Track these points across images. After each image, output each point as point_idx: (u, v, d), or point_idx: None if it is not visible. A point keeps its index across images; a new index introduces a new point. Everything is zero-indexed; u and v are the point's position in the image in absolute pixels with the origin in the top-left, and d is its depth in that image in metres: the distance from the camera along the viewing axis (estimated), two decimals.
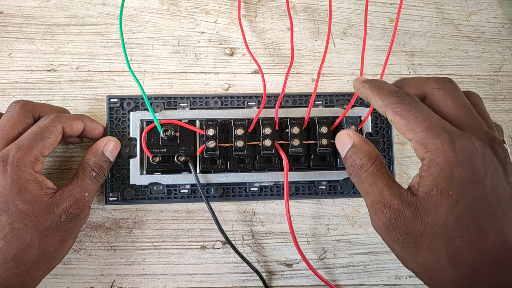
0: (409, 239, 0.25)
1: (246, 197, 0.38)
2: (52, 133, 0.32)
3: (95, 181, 0.33)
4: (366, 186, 0.27)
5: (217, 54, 0.40)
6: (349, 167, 0.29)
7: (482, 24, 0.42)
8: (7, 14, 0.39)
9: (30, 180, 0.30)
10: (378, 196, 0.26)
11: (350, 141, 0.29)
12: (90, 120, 0.35)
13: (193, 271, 0.37)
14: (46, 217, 0.30)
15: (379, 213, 0.26)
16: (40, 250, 0.30)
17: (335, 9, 0.41)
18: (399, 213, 0.25)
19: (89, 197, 0.33)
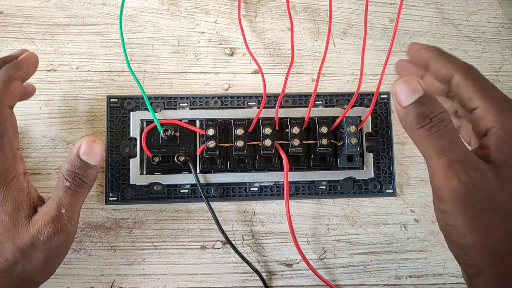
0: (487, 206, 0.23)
1: (246, 197, 0.38)
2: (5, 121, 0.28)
3: (70, 193, 0.29)
4: (445, 143, 0.23)
5: (217, 54, 0.40)
6: (420, 118, 0.24)
7: (482, 24, 0.42)
8: (7, 14, 0.39)
9: (15, 189, 0.28)
10: (461, 155, 0.23)
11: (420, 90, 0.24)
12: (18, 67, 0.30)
13: (193, 271, 0.37)
14: (25, 234, 0.28)
15: (461, 173, 0.23)
16: (24, 267, 0.28)
17: (335, 9, 0.41)
18: (486, 178, 0.23)
19: (67, 213, 0.29)
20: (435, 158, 0.24)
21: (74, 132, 0.38)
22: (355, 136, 0.36)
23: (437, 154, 0.23)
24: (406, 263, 0.38)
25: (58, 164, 0.37)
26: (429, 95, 0.24)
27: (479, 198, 0.23)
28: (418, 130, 0.24)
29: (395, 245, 0.38)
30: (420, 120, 0.23)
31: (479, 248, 0.23)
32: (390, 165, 0.38)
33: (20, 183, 0.29)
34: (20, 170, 0.29)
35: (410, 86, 0.24)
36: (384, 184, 0.38)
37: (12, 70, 0.30)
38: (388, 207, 0.39)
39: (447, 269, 0.38)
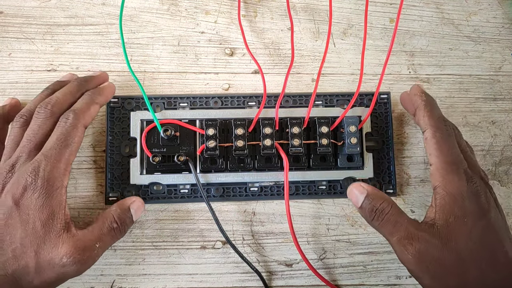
0: (438, 266, 0.28)
1: (246, 197, 0.38)
2: (75, 136, 0.31)
3: (113, 234, 0.32)
4: (390, 227, 0.30)
5: (217, 54, 0.40)
6: (369, 213, 0.31)
7: (482, 24, 0.42)
8: (7, 14, 0.39)
9: (56, 200, 0.29)
10: (404, 233, 0.29)
11: (364, 191, 0.32)
12: (100, 94, 0.34)
13: (193, 271, 0.37)
14: (51, 249, 0.29)
15: (408, 247, 0.29)
16: (32, 281, 0.29)
17: (335, 9, 0.41)
18: (428, 243, 0.29)
19: (98, 250, 0.31)
20: (390, 239, 0.30)
21: None
22: (355, 136, 0.36)
23: (389, 235, 0.30)
24: None
25: None
26: (371, 193, 0.32)
27: (430, 260, 0.28)
28: (372, 221, 0.31)
29: None
30: (369, 214, 0.31)
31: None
32: (390, 165, 0.38)
33: (61, 195, 0.30)
34: (65, 183, 0.31)
35: (354, 192, 0.32)
36: (384, 184, 0.38)
37: (96, 96, 0.34)
38: None
39: None
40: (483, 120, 0.40)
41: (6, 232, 0.29)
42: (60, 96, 0.33)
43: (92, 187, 0.37)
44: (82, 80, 0.35)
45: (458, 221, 0.29)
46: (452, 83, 0.41)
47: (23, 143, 0.31)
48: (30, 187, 0.29)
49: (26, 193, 0.29)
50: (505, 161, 0.40)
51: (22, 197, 0.29)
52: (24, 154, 0.31)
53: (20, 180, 0.29)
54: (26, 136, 0.31)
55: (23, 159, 0.30)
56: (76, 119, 0.32)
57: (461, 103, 0.40)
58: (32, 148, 0.31)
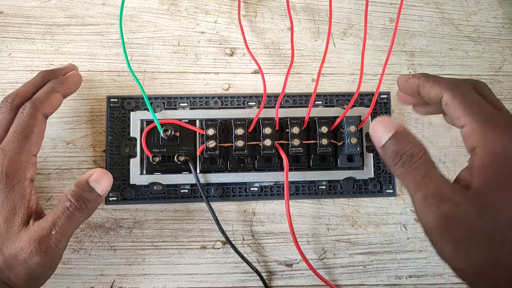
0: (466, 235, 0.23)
1: (246, 197, 0.38)
2: (34, 126, 0.30)
3: (67, 214, 0.28)
4: (418, 178, 0.24)
5: (217, 54, 0.40)
6: (394, 156, 0.25)
7: (482, 24, 0.42)
8: (7, 14, 0.39)
9: (18, 193, 0.28)
10: (433, 189, 0.24)
11: (393, 127, 0.25)
12: (62, 82, 0.33)
13: (193, 271, 0.37)
14: (11, 245, 0.27)
15: (435, 207, 0.23)
16: (9, 277, 0.28)
17: (335, 9, 0.41)
18: (459, 208, 0.23)
19: (57, 236, 0.28)
20: (412, 193, 0.25)
21: (74, 132, 0.38)
22: (355, 136, 0.36)
23: (413, 188, 0.25)
24: (406, 263, 0.38)
25: (58, 164, 0.37)
26: (400, 132, 0.25)
27: (458, 227, 0.23)
28: (395, 167, 0.25)
29: (395, 245, 0.38)
30: (394, 157, 0.25)
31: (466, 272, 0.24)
32: None
33: (24, 188, 0.29)
34: (28, 176, 0.29)
35: (383, 126, 0.26)
36: (384, 184, 0.38)
37: (57, 84, 0.32)
38: (388, 207, 0.39)
39: (447, 269, 0.38)
40: None
41: None
42: (21, 89, 0.32)
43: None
44: (47, 72, 0.33)
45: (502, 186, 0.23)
46: None
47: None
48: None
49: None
50: None
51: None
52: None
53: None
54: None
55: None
56: (33, 109, 0.30)
57: None
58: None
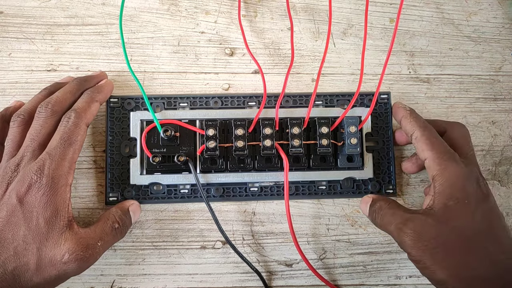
0: (438, 244, 0.28)
1: (246, 197, 0.38)
2: (78, 135, 0.32)
3: (114, 234, 0.33)
4: (388, 218, 0.32)
5: (217, 54, 0.40)
6: (372, 214, 0.34)
7: (482, 24, 0.42)
8: (7, 14, 0.39)
9: (60, 197, 0.30)
10: (400, 219, 0.31)
11: (369, 200, 0.35)
12: (99, 91, 0.35)
13: (193, 271, 0.37)
14: (53, 246, 0.29)
15: (404, 228, 0.30)
16: (31, 279, 0.29)
17: (335, 9, 0.41)
18: (423, 222, 0.29)
19: (100, 248, 0.31)
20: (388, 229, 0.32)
21: None
22: (355, 136, 0.36)
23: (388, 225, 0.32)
24: (406, 263, 0.38)
25: None
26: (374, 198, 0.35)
27: (428, 237, 0.29)
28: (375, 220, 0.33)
29: (395, 245, 0.38)
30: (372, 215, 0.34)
31: (448, 279, 0.28)
32: (390, 165, 0.38)
33: (65, 193, 0.30)
34: (69, 182, 0.31)
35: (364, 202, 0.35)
36: (384, 184, 0.38)
37: (95, 94, 0.34)
38: None
39: None
40: (483, 120, 0.40)
41: (9, 230, 0.29)
42: (60, 96, 0.33)
43: (92, 187, 0.37)
44: (82, 80, 0.35)
45: (459, 203, 0.29)
46: (452, 83, 0.41)
47: (26, 143, 0.31)
48: (35, 185, 0.29)
49: (31, 191, 0.29)
50: (505, 161, 0.40)
51: (27, 195, 0.29)
52: (29, 153, 0.31)
53: (25, 179, 0.29)
54: (29, 136, 0.32)
55: (27, 158, 0.31)
56: (78, 118, 0.32)
57: (461, 103, 0.40)
58: (36, 147, 0.31)
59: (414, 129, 0.33)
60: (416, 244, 0.29)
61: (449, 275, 0.28)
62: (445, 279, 0.28)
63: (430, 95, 0.40)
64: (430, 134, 0.33)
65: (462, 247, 0.28)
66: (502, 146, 0.40)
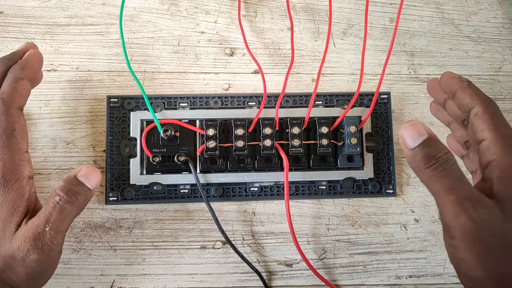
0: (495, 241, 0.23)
1: (246, 197, 0.38)
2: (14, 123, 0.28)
3: (58, 208, 0.27)
4: (452, 181, 0.24)
5: (217, 54, 0.40)
6: (427, 159, 0.25)
7: (482, 24, 0.42)
8: (7, 14, 0.39)
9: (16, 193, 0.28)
10: (468, 192, 0.24)
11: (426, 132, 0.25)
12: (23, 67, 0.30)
13: (193, 271, 0.37)
14: (8, 245, 0.27)
15: (471, 210, 0.23)
16: (10, 278, 0.27)
17: (335, 9, 0.41)
18: (491, 212, 0.23)
19: (51, 233, 0.27)
20: (444, 196, 0.24)
21: (74, 132, 0.38)
22: (355, 136, 0.36)
23: (445, 191, 0.24)
24: (406, 263, 0.38)
25: (58, 164, 0.37)
26: (434, 138, 0.25)
27: (488, 234, 0.23)
28: (426, 169, 0.24)
29: (395, 245, 0.38)
30: (427, 160, 0.24)
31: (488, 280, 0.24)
32: (390, 165, 0.38)
33: (22, 187, 0.28)
34: (25, 174, 0.28)
35: (416, 129, 0.25)
36: (384, 184, 0.38)
37: (18, 71, 0.30)
38: (388, 207, 0.39)
39: (447, 269, 0.38)
40: None
41: None
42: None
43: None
44: (5, 58, 0.31)
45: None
46: None
47: None
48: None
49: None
50: None
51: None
52: None
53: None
54: None
55: None
56: (5, 106, 0.28)
57: None
58: None
59: (474, 103, 0.27)
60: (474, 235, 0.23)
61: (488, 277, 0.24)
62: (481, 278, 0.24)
63: None
64: (495, 111, 0.27)
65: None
66: None
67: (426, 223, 0.38)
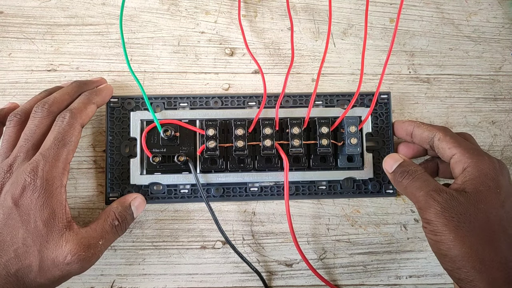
0: (464, 219, 0.28)
1: (246, 197, 0.38)
2: (72, 135, 0.31)
3: (115, 231, 0.32)
4: (419, 183, 0.31)
5: (217, 54, 0.40)
6: (401, 174, 0.33)
7: (482, 24, 0.42)
8: (7, 14, 0.39)
9: (56, 199, 0.30)
10: (433, 186, 0.30)
11: (399, 159, 0.34)
12: (97, 94, 0.35)
13: (193, 271, 0.37)
14: (54, 247, 0.29)
15: (436, 196, 0.29)
16: (35, 279, 0.29)
17: (335, 9, 0.41)
18: (453, 197, 0.29)
19: (102, 247, 0.31)
20: (417, 195, 0.31)
21: None
22: (355, 136, 0.36)
23: (417, 190, 0.31)
24: (406, 263, 0.38)
25: None
26: (406, 160, 0.34)
27: (456, 212, 0.29)
28: (402, 181, 0.32)
29: (395, 245, 0.38)
30: (401, 175, 0.33)
31: (465, 257, 0.28)
32: None
33: (61, 194, 0.30)
34: (64, 183, 0.31)
35: (392, 159, 0.34)
36: (384, 184, 0.38)
37: (93, 95, 0.34)
38: (388, 207, 0.39)
39: None
40: (483, 120, 0.40)
41: (7, 232, 0.29)
42: (58, 96, 0.33)
43: (92, 187, 0.37)
44: (81, 82, 0.35)
45: (491, 190, 0.30)
46: (452, 83, 0.41)
47: (20, 143, 0.31)
48: (29, 187, 0.29)
49: (26, 193, 0.29)
50: (505, 161, 0.40)
51: (22, 197, 0.29)
52: (22, 154, 0.31)
53: (19, 180, 0.29)
54: (23, 136, 0.31)
55: (21, 159, 0.30)
56: (72, 118, 0.32)
57: (461, 103, 0.40)
58: (30, 148, 0.31)
59: (434, 132, 0.34)
60: (444, 214, 0.29)
61: (467, 252, 0.28)
62: (461, 256, 0.28)
63: (430, 95, 0.40)
64: (452, 133, 0.33)
65: (486, 229, 0.28)
66: (502, 146, 0.40)
67: None
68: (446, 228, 0.28)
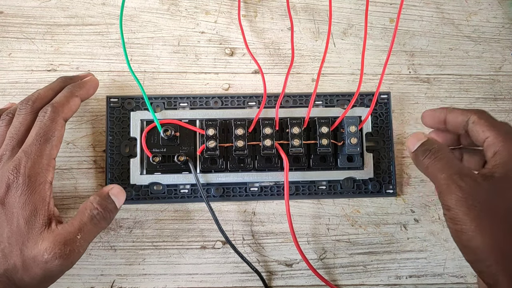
0: (487, 208, 0.26)
1: (246, 197, 0.38)
2: (55, 130, 0.31)
3: (95, 221, 0.30)
4: (442, 164, 0.28)
5: (217, 54, 0.40)
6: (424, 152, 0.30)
7: (482, 24, 0.42)
8: (7, 14, 0.39)
9: (39, 195, 0.29)
10: (456, 169, 0.28)
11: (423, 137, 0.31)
12: (81, 87, 0.33)
13: (193, 271, 0.37)
14: (33, 246, 0.28)
15: (459, 181, 0.27)
16: (22, 278, 0.28)
17: (335, 9, 0.41)
18: (477, 183, 0.27)
19: (81, 241, 0.29)
20: (438, 177, 0.28)
21: (74, 132, 0.38)
22: (355, 136, 0.36)
23: (439, 173, 0.28)
24: (406, 263, 0.38)
25: (58, 164, 0.37)
26: (430, 139, 0.30)
27: (479, 199, 0.26)
28: (423, 160, 0.29)
29: (395, 245, 0.38)
30: (422, 153, 0.30)
31: (487, 249, 0.26)
32: (390, 165, 0.38)
33: (45, 191, 0.30)
34: (49, 179, 0.30)
35: (415, 137, 0.31)
36: (384, 184, 0.38)
37: (76, 88, 0.33)
38: (388, 207, 0.39)
39: (447, 269, 0.38)
40: None
41: None
42: (42, 92, 0.33)
43: (92, 187, 0.37)
44: (66, 78, 0.35)
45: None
46: (452, 83, 0.41)
47: (6, 141, 0.31)
48: (12, 185, 0.29)
49: (10, 191, 0.29)
50: None
51: (7, 196, 0.29)
52: (8, 152, 0.30)
53: (3, 179, 0.29)
54: (8, 134, 0.31)
55: (6, 157, 0.30)
56: (54, 113, 0.31)
57: (461, 103, 0.40)
58: (15, 145, 0.31)
59: (468, 115, 0.31)
60: (466, 201, 0.26)
61: (489, 244, 0.26)
62: (482, 248, 0.26)
63: (430, 95, 0.40)
64: (489, 115, 0.31)
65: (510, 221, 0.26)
66: None
67: (426, 223, 0.38)
68: (467, 217, 0.26)
